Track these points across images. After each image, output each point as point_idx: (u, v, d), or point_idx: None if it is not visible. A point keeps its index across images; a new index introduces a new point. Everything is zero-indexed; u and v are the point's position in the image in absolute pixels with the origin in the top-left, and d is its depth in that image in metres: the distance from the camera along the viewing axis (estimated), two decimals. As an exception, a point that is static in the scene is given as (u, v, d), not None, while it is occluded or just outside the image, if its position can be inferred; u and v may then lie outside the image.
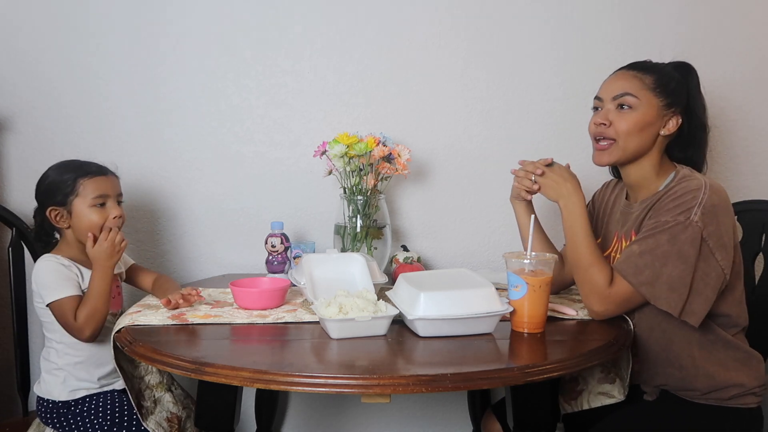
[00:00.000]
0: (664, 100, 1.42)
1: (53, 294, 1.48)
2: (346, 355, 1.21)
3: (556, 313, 1.44)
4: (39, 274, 1.51)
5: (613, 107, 1.43)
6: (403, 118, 1.98)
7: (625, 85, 1.42)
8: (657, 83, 1.42)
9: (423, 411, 2.12)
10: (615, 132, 1.42)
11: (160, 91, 1.96)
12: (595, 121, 1.45)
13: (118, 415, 1.52)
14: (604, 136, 1.44)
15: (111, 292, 1.50)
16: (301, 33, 1.96)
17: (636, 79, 1.43)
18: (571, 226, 1.40)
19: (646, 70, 1.44)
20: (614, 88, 1.44)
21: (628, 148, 1.42)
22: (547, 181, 1.44)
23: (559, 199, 1.42)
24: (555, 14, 1.96)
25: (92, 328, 1.46)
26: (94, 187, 1.53)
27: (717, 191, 1.34)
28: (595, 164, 1.49)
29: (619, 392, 1.45)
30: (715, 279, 1.31)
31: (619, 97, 1.42)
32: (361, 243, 1.78)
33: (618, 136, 1.42)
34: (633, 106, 1.41)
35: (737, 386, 1.38)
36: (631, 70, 1.46)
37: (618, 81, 1.45)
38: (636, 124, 1.41)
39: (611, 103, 1.43)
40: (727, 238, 1.33)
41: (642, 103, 1.41)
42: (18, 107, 1.95)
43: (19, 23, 1.93)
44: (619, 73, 1.47)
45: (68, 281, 1.50)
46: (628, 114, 1.41)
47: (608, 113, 1.43)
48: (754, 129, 2.02)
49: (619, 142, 1.42)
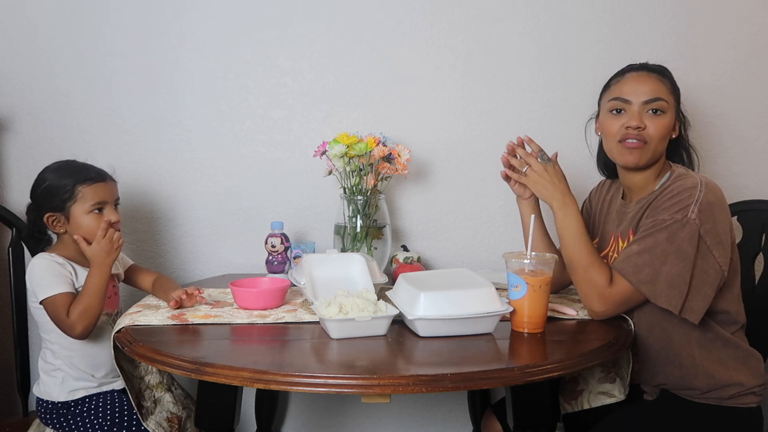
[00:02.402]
0: (677, 105, 1.46)
1: (46, 291, 1.47)
2: (346, 355, 1.21)
3: (556, 313, 1.44)
4: (32, 272, 1.50)
5: (644, 110, 1.42)
6: (403, 118, 1.98)
7: (656, 89, 1.42)
8: (672, 88, 1.45)
9: (423, 411, 2.12)
10: (649, 135, 1.41)
11: (160, 91, 1.96)
12: (629, 125, 1.42)
13: (118, 415, 1.52)
14: (639, 138, 1.41)
15: (107, 290, 1.50)
16: (301, 33, 1.96)
17: (661, 83, 1.44)
18: (569, 227, 1.40)
19: (663, 74, 1.46)
20: (645, 91, 1.42)
21: (657, 151, 1.43)
22: (541, 180, 1.43)
23: (552, 201, 1.42)
24: (555, 15, 1.96)
25: (84, 325, 1.45)
26: (93, 194, 1.52)
27: (713, 189, 1.34)
28: (624, 164, 1.45)
29: (619, 392, 1.45)
30: (714, 276, 1.32)
31: (652, 102, 1.42)
32: (361, 243, 1.78)
33: (651, 139, 1.41)
34: (664, 111, 1.42)
35: (737, 385, 1.37)
36: (652, 73, 1.45)
37: (647, 84, 1.43)
38: (667, 128, 1.43)
39: (642, 106, 1.42)
40: (723, 235, 1.33)
41: (670, 108, 1.43)
42: (18, 107, 1.95)
43: (20, 23, 1.93)
44: (644, 76, 1.45)
45: (61, 278, 1.49)
46: (660, 118, 1.42)
47: (642, 116, 1.42)
48: (754, 129, 2.02)
49: (650, 144, 1.42)
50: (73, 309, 1.46)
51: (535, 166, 1.44)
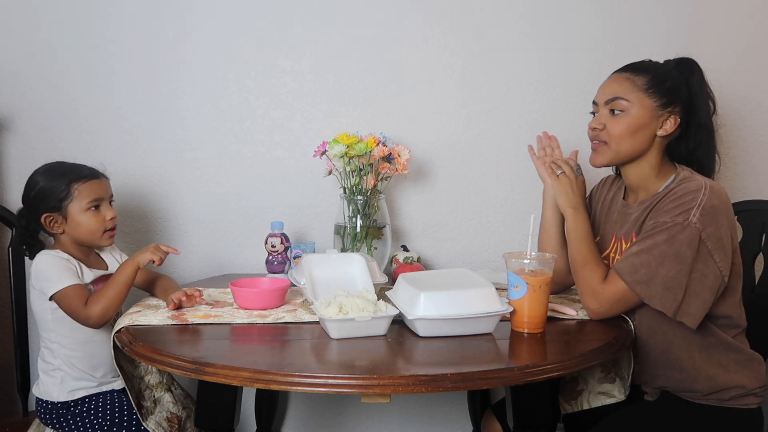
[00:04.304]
0: (659, 100, 1.41)
1: (56, 284, 1.47)
2: (346, 355, 1.21)
3: (556, 313, 1.44)
4: (39, 268, 1.50)
5: (606, 111, 1.44)
6: (403, 118, 1.98)
7: (616, 89, 1.43)
8: (650, 83, 1.41)
9: (423, 411, 2.12)
10: (608, 135, 1.43)
11: (160, 91, 1.96)
12: (591, 126, 1.47)
13: (117, 415, 1.52)
14: (599, 139, 1.45)
15: (129, 286, 1.48)
16: (301, 33, 1.96)
17: (628, 81, 1.43)
18: (576, 230, 1.45)
19: (639, 70, 1.44)
20: (606, 92, 1.45)
21: (620, 150, 1.43)
22: (565, 188, 1.48)
23: (568, 209, 1.47)
24: (554, 14, 1.96)
25: (101, 314, 1.45)
26: (89, 191, 1.53)
27: (717, 193, 1.33)
28: (591, 165, 1.50)
29: (619, 392, 1.45)
30: (713, 281, 1.31)
31: (610, 102, 1.43)
32: (361, 243, 1.78)
33: (610, 139, 1.43)
34: (624, 110, 1.41)
35: (738, 387, 1.37)
36: (624, 72, 1.45)
37: (610, 85, 1.45)
38: (628, 127, 1.41)
39: (604, 107, 1.44)
40: (726, 239, 1.32)
41: (633, 105, 1.41)
42: (18, 107, 1.95)
43: (20, 23, 1.93)
44: (613, 76, 1.47)
45: (69, 272, 1.49)
46: (619, 118, 1.42)
47: (602, 117, 1.45)
48: (754, 129, 2.02)
49: (611, 145, 1.43)
50: (94, 298, 1.46)
51: (569, 174, 1.50)
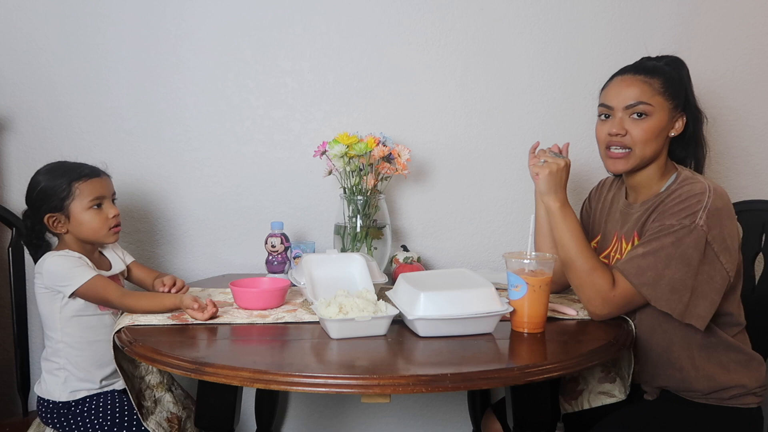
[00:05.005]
0: (673, 102, 1.41)
1: (78, 280, 1.46)
2: (346, 355, 1.21)
3: (556, 313, 1.44)
4: (52, 269, 1.49)
5: (625, 116, 1.41)
6: (403, 118, 1.98)
7: (637, 93, 1.40)
8: (665, 86, 1.41)
9: (423, 411, 2.12)
10: (632, 141, 1.40)
11: (160, 91, 1.96)
12: (610, 132, 1.42)
13: (118, 416, 1.51)
14: (621, 145, 1.42)
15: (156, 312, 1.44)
16: (301, 33, 1.96)
17: (646, 84, 1.41)
18: (569, 230, 1.39)
19: (651, 73, 1.42)
20: (626, 97, 1.41)
21: (645, 155, 1.41)
22: (550, 177, 1.40)
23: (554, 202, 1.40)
24: (554, 14, 1.96)
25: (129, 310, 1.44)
26: (91, 190, 1.53)
27: (720, 195, 1.33)
28: (610, 172, 1.48)
29: (619, 391, 1.45)
30: (720, 282, 1.31)
31: (633, 106, 1.40)
32: (361, 243, 1.78)
33: (635, 144, 1.40)
34: (649, 114, 1.40)
35: (738, 387, 1.37)
36: (637, 74, 1.43)
37: (629, 88, 1.41)
38: (653, 131, 1.40)
39: (624, 111, 1.41)
40: (730, 240, 1.32)
41: (656, 110, 1.40)
42: (18, 107, 1.95)
43: (20, 23, 1.93)
44: (626, 79, 1.44)
45: (84, 267, 1.49)
46: (644, 122, 1.40)
47: (623, 122, 1.41)
48: (754, 129, 2.02)
49: (636, 150, 1.41)
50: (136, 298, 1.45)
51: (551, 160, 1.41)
